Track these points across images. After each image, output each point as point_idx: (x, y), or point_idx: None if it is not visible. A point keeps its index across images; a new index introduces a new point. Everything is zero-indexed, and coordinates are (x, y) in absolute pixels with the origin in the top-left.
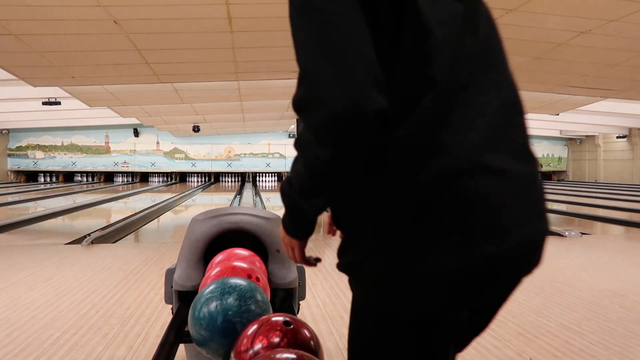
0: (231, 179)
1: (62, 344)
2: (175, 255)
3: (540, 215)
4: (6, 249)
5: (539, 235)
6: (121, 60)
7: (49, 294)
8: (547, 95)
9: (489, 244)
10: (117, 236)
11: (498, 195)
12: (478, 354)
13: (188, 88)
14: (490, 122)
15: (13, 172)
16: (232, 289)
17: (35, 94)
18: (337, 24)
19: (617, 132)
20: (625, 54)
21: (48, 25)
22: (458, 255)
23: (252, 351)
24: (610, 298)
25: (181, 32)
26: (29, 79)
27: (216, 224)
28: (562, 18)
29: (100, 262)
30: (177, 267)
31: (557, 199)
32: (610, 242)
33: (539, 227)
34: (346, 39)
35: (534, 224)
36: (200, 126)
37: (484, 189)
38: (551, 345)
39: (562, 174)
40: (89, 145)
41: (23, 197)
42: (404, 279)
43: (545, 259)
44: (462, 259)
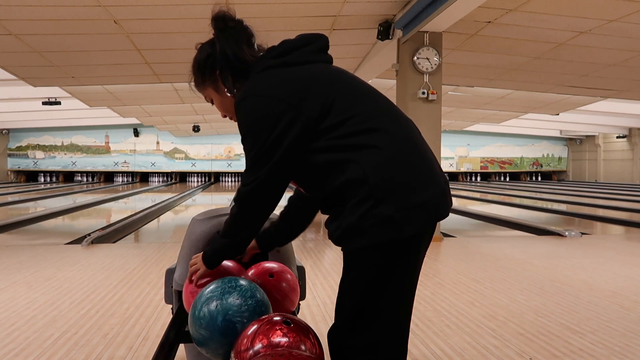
0: (231, 179)
1: (62, 344)
2: (175, 255)
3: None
4: (6, 249)
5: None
6: (121, 60)
7: (49, 294)
8: (547, 95)
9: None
10: (117, 236)
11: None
12: (478, 354)
13: (188, 88)
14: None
15: (13, 172)
16: (232, 288)
17: (35, 94)
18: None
19: (617, 132)
20: (625, 54)
21: (48, 25)
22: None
23: (252, 351)
24: (610, 298)
25: (181, 32)
26: (29, 79)
27: (216, 224)
28: (562, 18)
29: (100, 262)
30: (177, 267)
31: (557, 199)
32: (610, 242)
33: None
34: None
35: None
36: (200, 126)
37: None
38: (551, 345)
39: (562, 174)
40: (89, 145)
41: (23, 197)
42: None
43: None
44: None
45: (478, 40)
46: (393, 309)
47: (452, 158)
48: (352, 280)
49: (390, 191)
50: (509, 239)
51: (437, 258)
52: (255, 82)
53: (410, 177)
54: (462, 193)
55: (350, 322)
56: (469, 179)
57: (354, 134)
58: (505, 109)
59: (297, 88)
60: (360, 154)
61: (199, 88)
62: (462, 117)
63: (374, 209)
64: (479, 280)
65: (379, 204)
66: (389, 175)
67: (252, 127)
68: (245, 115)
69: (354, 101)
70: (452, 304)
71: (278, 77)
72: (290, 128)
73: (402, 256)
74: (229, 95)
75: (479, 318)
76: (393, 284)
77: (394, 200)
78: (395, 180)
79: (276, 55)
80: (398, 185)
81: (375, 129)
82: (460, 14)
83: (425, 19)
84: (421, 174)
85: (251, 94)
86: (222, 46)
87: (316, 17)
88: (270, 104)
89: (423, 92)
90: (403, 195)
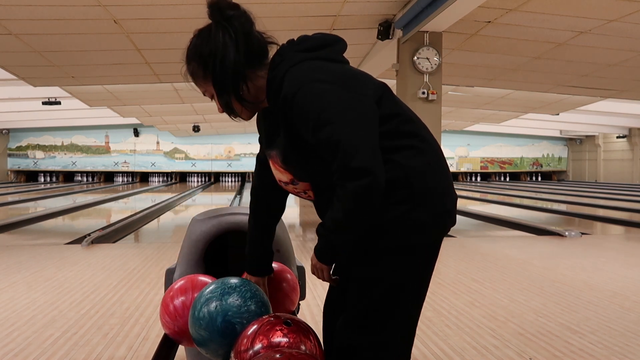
0: (231, 179)
1: (62, 344)
2: (175, 255)
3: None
4: (6, 249)
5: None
6: (121, 60)
7: (49, 294)
8: (547, 95)
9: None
10: (117, 236)
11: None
12: (478, 354)
13: (188, 88)
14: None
15: (13, 172)
16: (232, 289)
17: (35, 94)
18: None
19: (617, 132)
20: (625, 54)
21: (48, 25)
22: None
23: (252, 351)
24: (610, 298)
25: (181, 32)
26: (29, 79)
27: (216, 224)
28: (562, 18)
29: (100, 262)
30: (177, 267)
31: (557, 199)
32: (610, 242)
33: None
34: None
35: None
36: (200, 126)
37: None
38: (551, 345)
39: (562, 174)
40: (89, 145)
41: (23, 197)
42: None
43: (545, 259)
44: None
45: (478, 40)
46: (407, 310)
47: (452, 158)
48: (373, 279)
49: (428, 197)
50: (509, 239)
51: (437, 258)
52: (301, 72)
53: (442, 184)
54: (462, 193)
55: (362, 320)
56: (469, 179)
57: (400, 133)
58: (505, 109)
59: (348, 76)
60: (403, 155)
61: (198, 81)
62: (462, 117)
63: (411, 212)
64: (479, 280)
65: (417, 207)
66: (428, 182)
67: (332, 111)
68: (313, 100)
69: (395, 100)
70: (452, 304)
71: (322, 68)
72: (371, 106)
73: (426, 259)
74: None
75: (479, 318)
76: (412, 286)
77: (430, 206)
78: (432, 187)
79: (306, 49)
80: (434, 192)
81: (416, 134)
82: (460, 14)
83: (425, 18)
84: (448, 182)
85: (309, 80)
86: (231, 39)
87: (316, 17)
88: (337, 89)
89: (423, 92)
90: (437, 201)
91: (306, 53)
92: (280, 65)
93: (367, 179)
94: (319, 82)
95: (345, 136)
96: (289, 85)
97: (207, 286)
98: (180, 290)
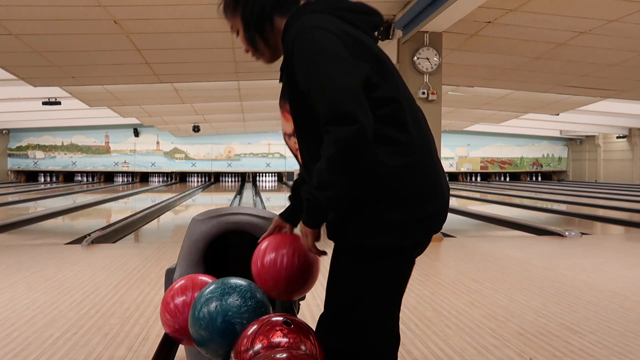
0: (231, 179)
1: (62, 344)
2: (175, 255)
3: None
4: (6, 249)
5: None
6: (121, 60)
7: (49, 294)
8: (547, 95)
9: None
10: (117, 236)
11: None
12: (478, 354)
13: (188, 88)
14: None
15: (13, 172)
16: (232, 289)
17: (35, 94)
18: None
19: (617, 132)
20: (625, 54)
21: (48, 25)
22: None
23: (252, 351)
24: (610, 298)
25: (181, 32)
26: (29, 79)
27: (216, 224)
28: (562, 18)
29: (100, 262)
30: (177, 267)
31: (557, 199)
32: (610, 242)
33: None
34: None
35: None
36: (200, 126)
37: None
38: (551, 345)
39: (562, 174)
40: (89, 145)
41: (23, 197)
42: (413, 221)
43: (545, 259)
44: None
45: (478, 40)
46: (375, 315)
47: (452, 158)
48: (343, 279)
49: (404, 200)
50: (509, 239)
51: (437, 258)
52: (310, 20)
53: (423, 187)
54: (462, 193)
55: (331, 321)
56: (469, 179)
57: (392, 121)
58: (505, 109)
59: (353, 37)
60: (385, 150)
61: (227, 15)
62: (462, 117)
63: (384, 213)
64: (479, 280)
65: (390, 209)
66: (407, 184)
67: (325, 58)
68: (310, 45)
69: (398, 83)
70: (452, 304)
71: (332, 22)
72: (364, 69)
73: (397, 265)
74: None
75: (479, 318)
76: (381, 290)
77: (406, 209)
78: (411, 189)
79: (334, 6)
80: (412, 195)
81: (405, 126)
82: (460, 14)
83: (425, 19)
84: (432, 186)
85: (312, 26)
86: None
87: None
88: (337, 40)
89: (423, 92)
90: (414, 205)
91: (329, 8)
92: (299, 13)
93: (352, 126)
94: (321, 29)
95: (334, 84)
96: (294, 30)
97: (207, 286)
98: (181, 288)
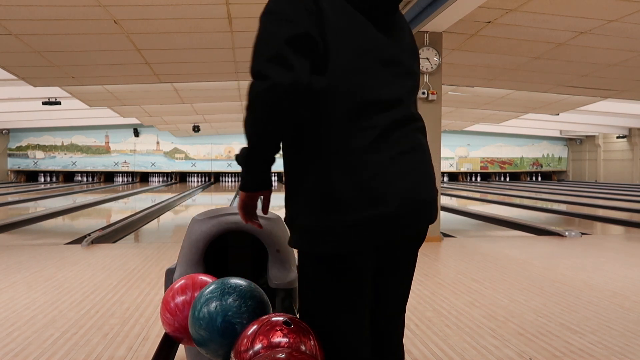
0: (231, 179)
1: (62, 344)
2: (175, 255)
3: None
4: (6, 249)
5: (417, 202)
6: (121, 60)
7: (49, 294)
8: (547, 95)
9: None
10: (117, 236)
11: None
12: (478, 354)
13: (188, 88)
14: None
15: (13, 172)
16: (232, 289)
17: (35, 94)
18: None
19: (617, 132)
20: (625, 54)
21: (48, 25)
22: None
23: (252, 351)
24: (610, 298)
25: (181, 32)
26: (29, 79)
27: (216, 224)
28: (562, 18)
29: (100, 262)
30: (177, 267)
31: (557, 199)
32: (610, 242)
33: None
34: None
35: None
36: (200, 126)
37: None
38: (551, 345)
39: (562, 174)
40: (89, 145)
41: (23, 197)
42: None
43: (545, 259)
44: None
45: (478, 40)
46: (325, 319)
47: (452, 158)
48: (300, 278)
49: (332, 204)
50: (509, 239)
51: (437, 258)
52: None
53: (352, 192)
54: (462, 193)
55: (308, 322)
56: (469, 179)
57: (339, 111)
58: (505, 109)
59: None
60: (322, 145)
61: None
62: (462, 117)
63: (307, 217)
64: (479, 280)
65: (320, 214)
66: (335, 185)
67: (266, 15)
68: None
69: (361, 65)
70: (452, 304)
71: None
72: (307, 35)
73: (334, 272)
74: None
75: (479, 318)
76: (324, 296)
77: (333, 214)
78: (339, 193)
79: None
80: (342, 198)
81: (367, 118)
82: (460, 14)
83: (425, 19)
84: (365, 190)
85: None
86: None
87: None
88: (298, 5)
89: (423, 92)
90: (342, 210)
91: None
92: None
93: (264, 81)
94: None
95: (258, 39)
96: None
97: (207, 286)
98: (181, 288)
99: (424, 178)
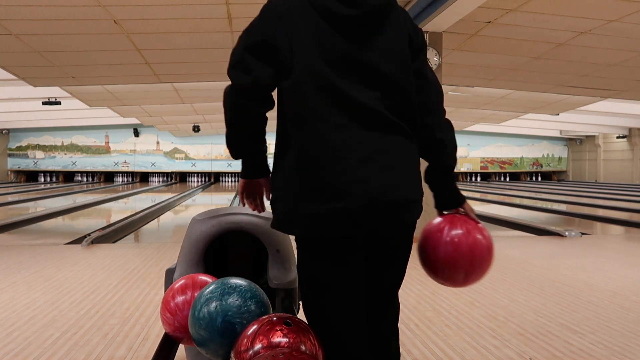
0: (231, 179)
1: (62, 344)
2: (175, 255)
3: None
4: (6, 249)
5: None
6: (121, 60)
7: (49, 294)
8: (547, 95)
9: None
10: (117, 236)
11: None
12: (478, 354)
13: (188, 88)
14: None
15: (13, 172)
16: (232, 289)
17: (35, 94)
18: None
19: (617, 132)
20: (625, 54)
21: (48, 25)
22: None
23: (252, 351)
24: (610, 298)
25: (181, 32)
26: (29, 79)
27: (216, 224)
28: (562, 18)
29: (100, 262)
30: (177, 267)
31: (557, 199)
32: (610, 242)
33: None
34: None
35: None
36: (200, 126)
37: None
38: (551, 345)
39: (562, 174)
40: (89, 145)
41: (23, 197)
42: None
43: (545, 259)
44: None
45: (478, 40)
46: (318, 305)
47: None
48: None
49: (305, 193)
50: (509, 239)
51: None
52: None
53: (325, 186)
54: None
55: (305, 305)
56: (469, 179)
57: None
58: (505, 109)
59: (282, 13)
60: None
61: None
62: (462, 117)
63: (292, 203)
64: None
65: (297, 202)
66: (301, 178)
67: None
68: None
69: (320, 62)
70: (452, 304)
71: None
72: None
73: (313, 255)
74: None
75: (479, 318)
76: (314, 279)
77: (305, 202)
78: (313, 185)
79: None
80: (316, 191)
81: (305, 118)
82: (460, 14)
83: (425, 19)
84: (322, 183)
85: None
86: None
87: None
88: (269, 17)
89: None
90: (298, 200)
91: None
92: None
93: (230, 85)
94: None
95: (232, 50)
96: None
97: (207, 286)
98: (181, 287)
99: (394, 179)
